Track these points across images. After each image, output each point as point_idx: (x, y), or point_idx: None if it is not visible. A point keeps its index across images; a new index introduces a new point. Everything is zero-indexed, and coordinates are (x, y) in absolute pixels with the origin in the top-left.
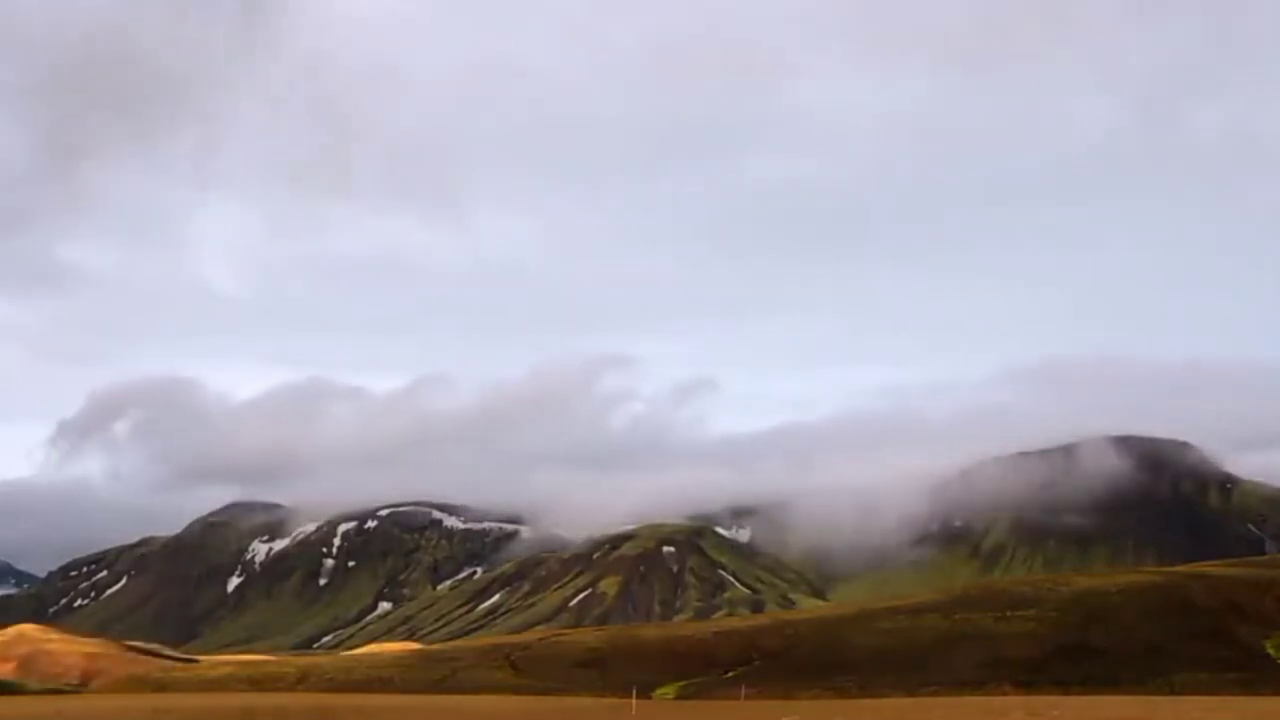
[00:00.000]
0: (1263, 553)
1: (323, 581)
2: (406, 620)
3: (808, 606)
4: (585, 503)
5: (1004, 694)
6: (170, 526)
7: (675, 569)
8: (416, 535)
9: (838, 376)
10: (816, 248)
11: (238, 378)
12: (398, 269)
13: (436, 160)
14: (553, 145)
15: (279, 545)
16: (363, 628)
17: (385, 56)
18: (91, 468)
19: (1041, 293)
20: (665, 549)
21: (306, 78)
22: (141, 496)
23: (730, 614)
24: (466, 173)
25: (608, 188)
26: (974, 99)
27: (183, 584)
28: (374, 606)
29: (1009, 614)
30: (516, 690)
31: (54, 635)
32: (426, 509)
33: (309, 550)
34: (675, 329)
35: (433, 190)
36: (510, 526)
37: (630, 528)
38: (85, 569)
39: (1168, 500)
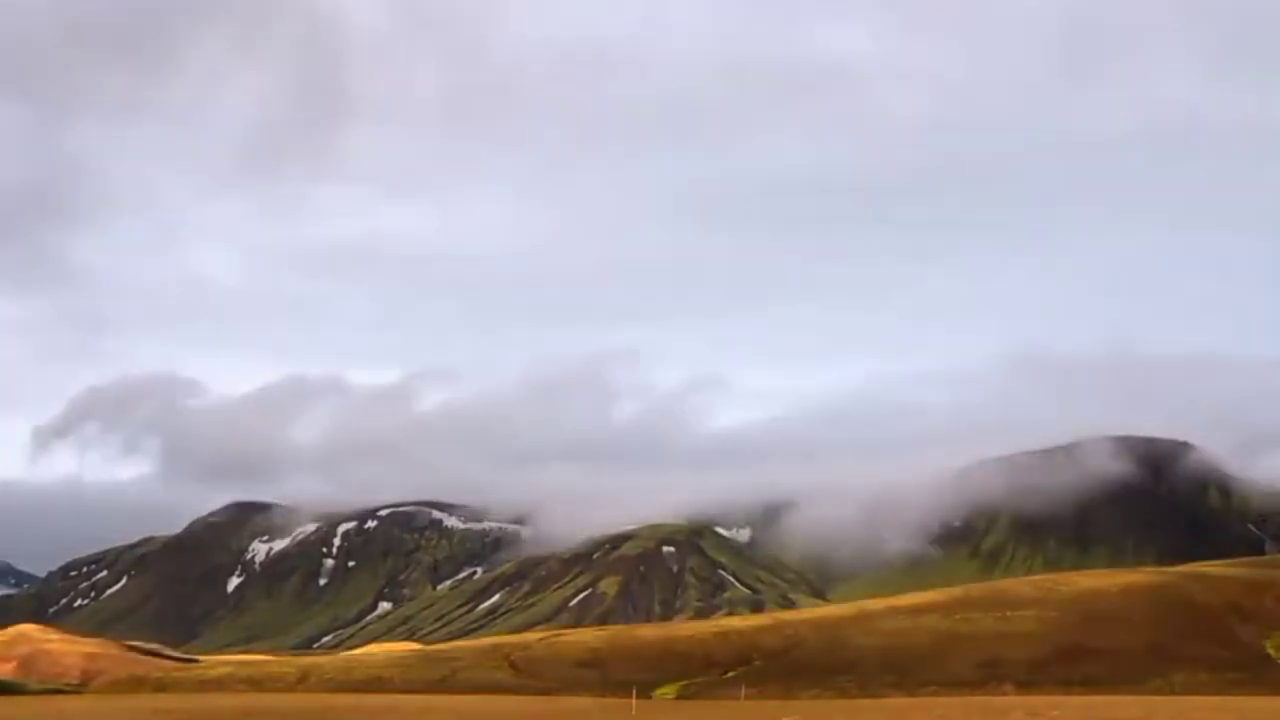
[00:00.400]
0: (1263, 553)
1: (323, 581)
2: (406, 620)
3: (808, 606)
4: (585, 503)
5: (1004, 694)
6: (170, 526)
7: (675, 569)
8: (416, 535)
9: (837, 375)
10: (818, 238)
11: (236, 375)
12: (396, 260)
13: (434, 144)
14: (552, 128)
15: (279, 545)
16: (363, 628)
17: (380, 35)
18: (90, 467)
19: (1044, 289)
20: (665, 549)
21: (296, 56)
22: (141, 496)
23: (730, 614)
24: (464, 157)
25: (610, 172)
26: (982, 84)
27: (183, 584)
28: (374, 606)
29: (1009, 614)
30: (516, 690)
31: (54, 635)
32: (426, 509)
33: (309, 550)
34: (673, 324)
35: (431, 176)
36: (510, 526)
37: (630, 528)
38: (85, 569)
39: (1168, 500)
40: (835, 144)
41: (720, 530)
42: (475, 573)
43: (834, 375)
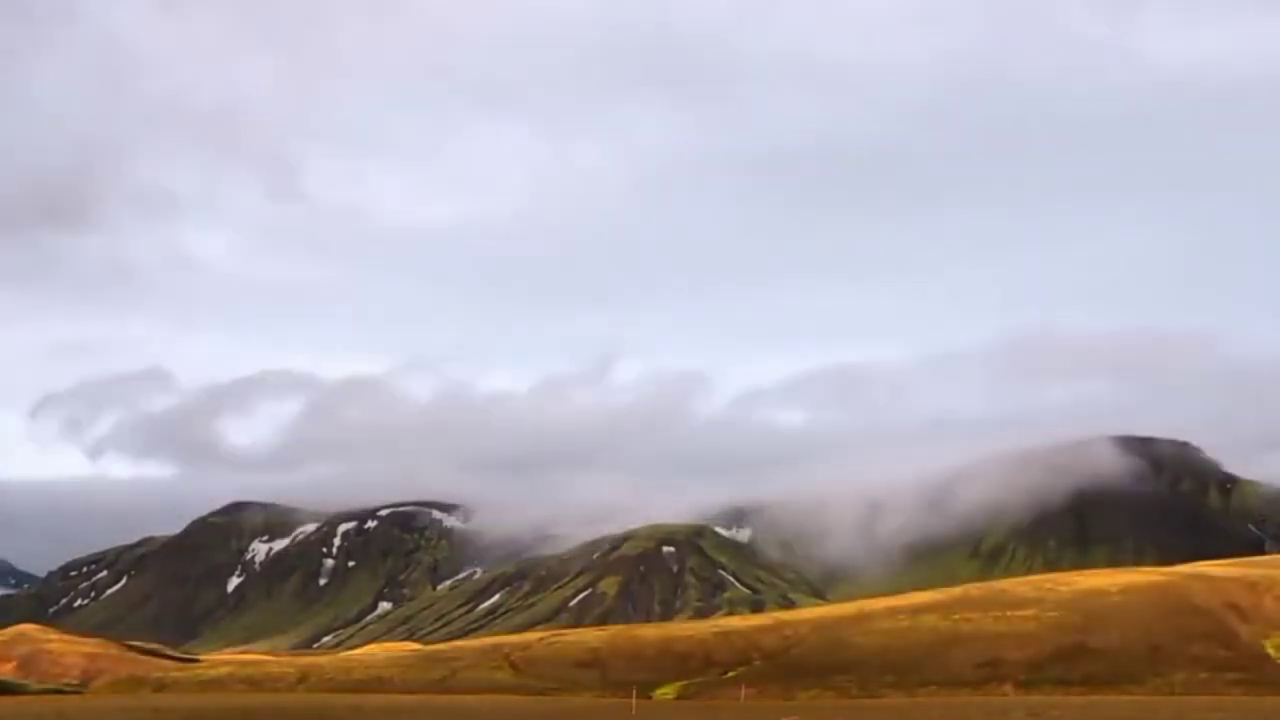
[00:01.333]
0: (1263, 553)
1: (323, 581)
2: (406, 620)
3: (807, 606)
4: (585, 502)
5: (1004, 694)
6: (170, 526)
7: (675, 569)
8: (416, 535)
9: (837, 372)
10: (809, 216)
11: (227, 367)
12: (390, 251)
13: (424, 118)
14: (550, 99)
15: (279, 545)
16: (363, 628)
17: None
18: (89, 466)
19: (1047, 284)
20: (665, 549)
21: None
22: (141, 496)
23: (730, 614)
24: (456, 131)
25: (609, 146)
26: (990, 50)
27: (183, 584)
28: (374, 606)
29: (1009, 614)
30: (516, 690)
31: (54, 635)
32: (427, 509)
33: (309, 550)
34: (672, 316)
35: (421, 148)
36: (510, 526)
37: (630, 528)
38: (85, 569)
39: (1168, 500)
40: (829, 114)
41: (720, 530)
42: (475, 573)
43: (833, 376)
